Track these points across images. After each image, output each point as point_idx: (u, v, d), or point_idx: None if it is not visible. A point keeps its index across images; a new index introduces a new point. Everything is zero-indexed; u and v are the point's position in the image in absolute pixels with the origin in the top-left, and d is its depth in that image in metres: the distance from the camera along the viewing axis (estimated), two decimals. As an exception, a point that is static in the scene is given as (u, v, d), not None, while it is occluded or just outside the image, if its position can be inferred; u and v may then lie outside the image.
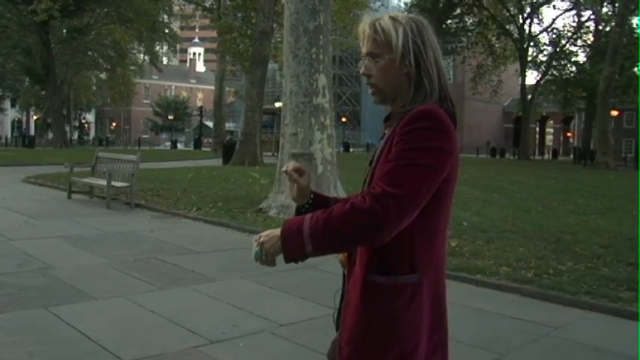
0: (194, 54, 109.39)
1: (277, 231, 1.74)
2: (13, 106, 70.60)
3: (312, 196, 2.01)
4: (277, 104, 36.00)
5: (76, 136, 66.90)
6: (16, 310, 5.09)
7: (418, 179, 1.65)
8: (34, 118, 69.06)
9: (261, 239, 1.76)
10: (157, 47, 50.04)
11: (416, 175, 1.65)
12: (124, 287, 6.01)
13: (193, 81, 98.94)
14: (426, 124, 1.68)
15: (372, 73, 1.84)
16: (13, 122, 76.65)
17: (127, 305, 5.41)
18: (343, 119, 63.59)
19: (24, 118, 73.79)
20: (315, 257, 1.71)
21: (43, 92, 49.83)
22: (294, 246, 1.69)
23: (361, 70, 1.88)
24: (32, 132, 63.45)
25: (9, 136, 64.35)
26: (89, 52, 49.80)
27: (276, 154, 23.17)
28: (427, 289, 1.78)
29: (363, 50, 1.86)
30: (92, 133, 79.98)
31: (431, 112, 1.71)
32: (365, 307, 1.77)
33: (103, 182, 12.20)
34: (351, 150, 53.18)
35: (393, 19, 1.81)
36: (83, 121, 78.93)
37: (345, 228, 1.64)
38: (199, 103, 75.98)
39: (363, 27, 1.85)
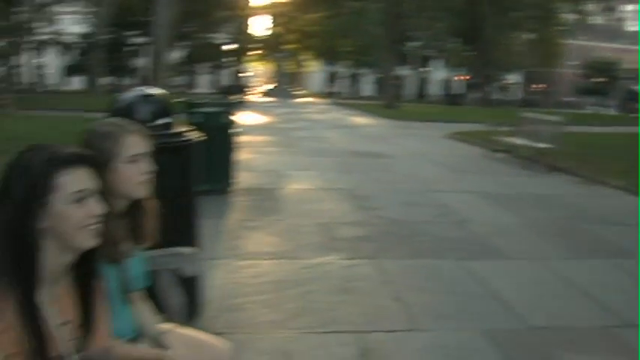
0: (624, 12, 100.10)
1: None
2: (442, 67, 74.82)
3: None
4: None
5: (498, 96, 67.89)
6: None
7: None
8: (461, 78, 72.16)
9: None
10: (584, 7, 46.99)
11: None
12: (538, 250, 5.89)
13: (623, 41, 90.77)
14: None
15: None
16: (441, 81, 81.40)
17: (539, 269, 5.28)
18: None
19: (450, 78, 77.73)
20: None
21: (471, 53, 51.56)
22: None
23: None
24: (458, 91, 66.52)
25: (436, 94, 68.53)
26: (514, 13, 49.45)
27: None
28: None
29: None
30: (515, 94, 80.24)
31: None
32: None
33: (525, 142, 12.11)
34: None
35: None
36: (507, 81, 79.65)
37: None
38: (629, 66, 69.59)
39: None
